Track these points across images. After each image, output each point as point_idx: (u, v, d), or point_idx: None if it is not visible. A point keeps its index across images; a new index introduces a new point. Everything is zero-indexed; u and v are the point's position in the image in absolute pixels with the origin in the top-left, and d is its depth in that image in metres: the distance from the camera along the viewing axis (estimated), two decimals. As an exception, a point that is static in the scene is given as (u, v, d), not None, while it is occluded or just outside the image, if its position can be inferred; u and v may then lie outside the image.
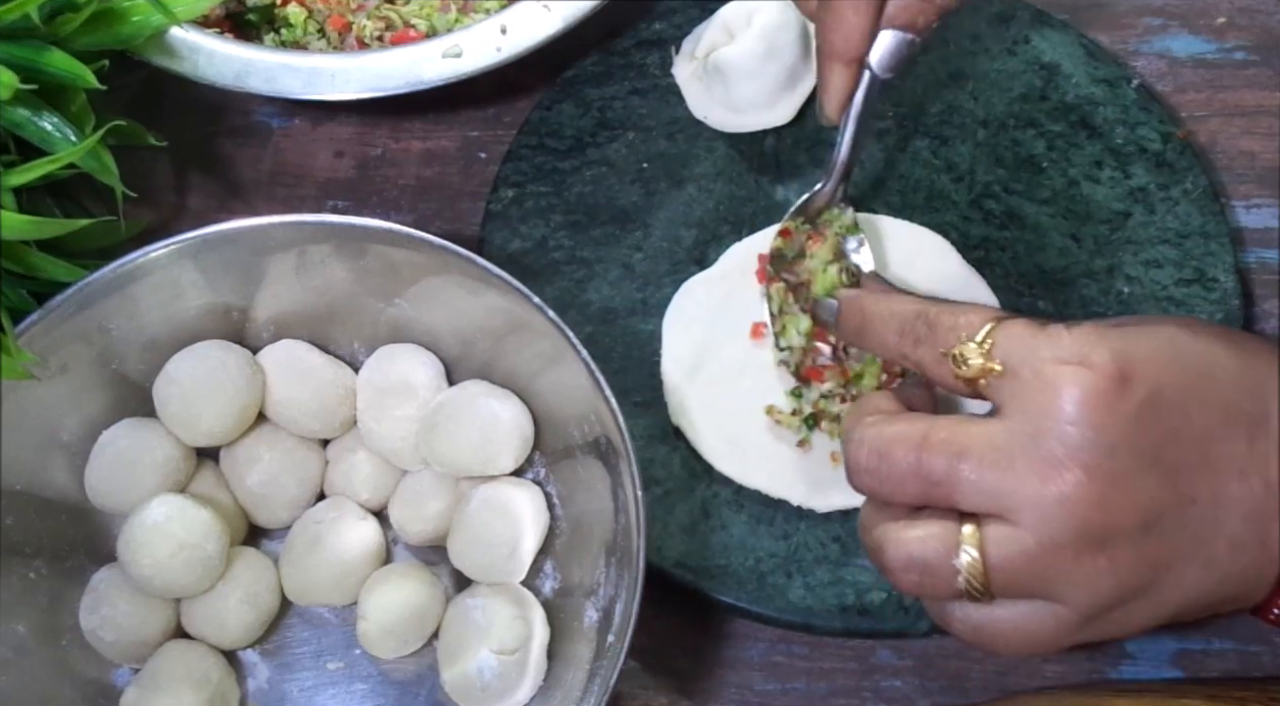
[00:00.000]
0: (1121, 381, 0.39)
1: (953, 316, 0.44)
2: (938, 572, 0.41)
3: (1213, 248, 0.57)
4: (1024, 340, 0.41)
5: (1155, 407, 0.40)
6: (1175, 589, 0.40)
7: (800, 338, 0.54)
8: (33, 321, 0.49)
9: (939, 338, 0.44)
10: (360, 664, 0.54)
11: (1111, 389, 0.39)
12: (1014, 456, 0.39)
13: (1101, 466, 0.39)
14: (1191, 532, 0.40)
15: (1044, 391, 0.40)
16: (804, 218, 0.56)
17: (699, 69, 0.61)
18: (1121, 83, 0.61)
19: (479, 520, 0.52)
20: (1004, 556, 0.40)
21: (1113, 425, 0.39)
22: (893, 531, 0.42)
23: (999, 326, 0.42)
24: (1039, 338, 0.41)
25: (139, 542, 0.50)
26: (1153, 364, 0.40)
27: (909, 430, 0.42)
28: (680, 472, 0.55)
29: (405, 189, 0.63)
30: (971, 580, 0.40)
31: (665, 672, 0.54)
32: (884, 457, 0.42)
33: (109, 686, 0.52)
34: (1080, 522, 0.39)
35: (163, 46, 0.57)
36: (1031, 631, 0.41)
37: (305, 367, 0.54)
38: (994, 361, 0.41)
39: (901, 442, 0.42)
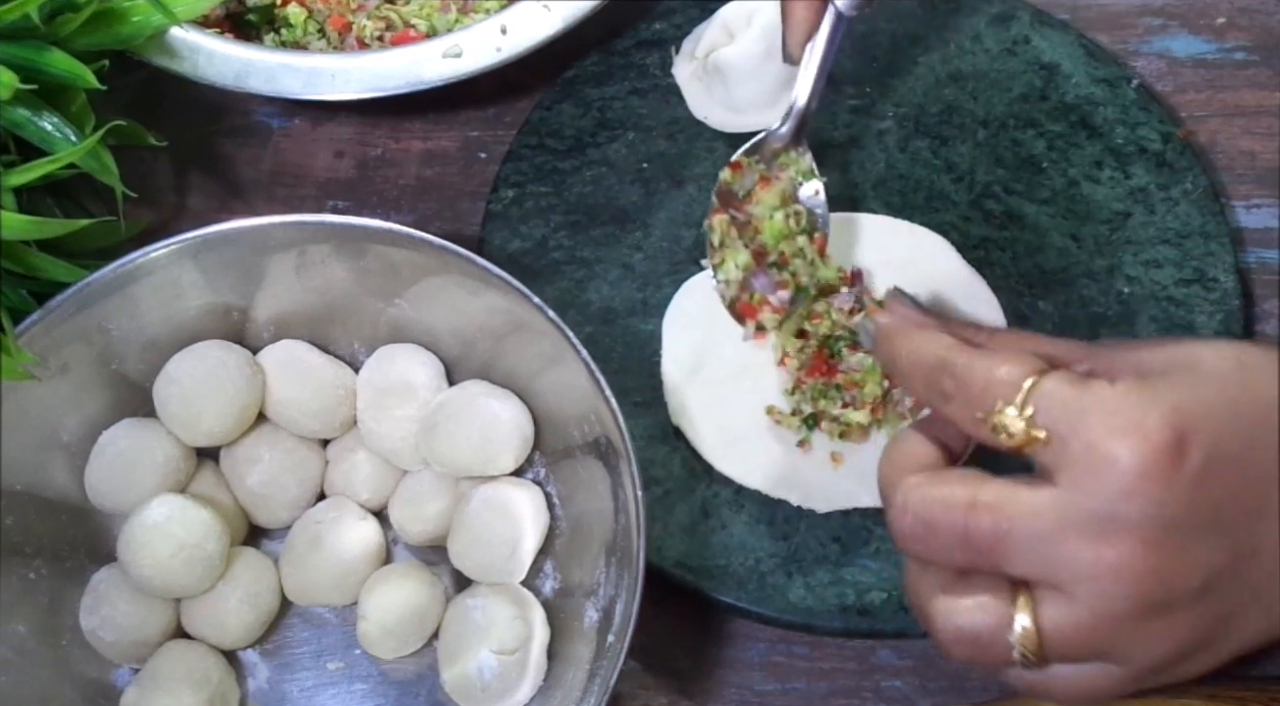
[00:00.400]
0: (1179, 449, 0.37)
1: (984, 371, 0.40)
2: (991, 646, 0.40)
3: (1213, 248, 0.57)
4: (1068, 405, 0.38)
5: (1214, 468, 0.38)
6: (1235, 638, 0.39)
7: (738, 272, 0.54)
8: (33, 321, 0.49)
9: (971, 398, 0.41)
10: (360, 664, 0.54)
11: (1169, 458, 0.37)
12: (1066, 528, 0.38)
13: (1159, 539, 0.37)
14: (1252, 584, 0.39)
15: (1097, 464, 0.37)
16: (758, 157, 0.55)
17: (699, 69, 0.61)
18: (1121, 83, 0.61)
19: (479, 520, 0.52)
20: (1058, 627, 0.38)
21: (1170, 496, 0.37)
22: (942, 602, 0.41)
23: (1037, 388, 0.39)
24: (1085, 399, 0.38)
25: (139, 542, 0.50)
26: (1210, 423, 0.38)
27: (953, 496, 0.40)
28: (680, 472, 0.55)
29: (405, 189, 0.63)
30: (1025, 652, 0.39)
31: (665, 672, 0.54)
32: (929, 526, 0.40)
33: (109, 686, 0.52)
34: (1137, 595, 0.38)
35: (163, 46, 0.57)
36: (1088, 688, 0.40)
37: (305, 367, 0.54)
38: (1038, 429, 0.39)
39: (947, 510, 0.40)
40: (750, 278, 0.54)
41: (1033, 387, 0.39)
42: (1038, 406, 0.39)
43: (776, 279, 0.54)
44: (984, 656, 0.40)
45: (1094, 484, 0.38)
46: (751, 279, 0.54)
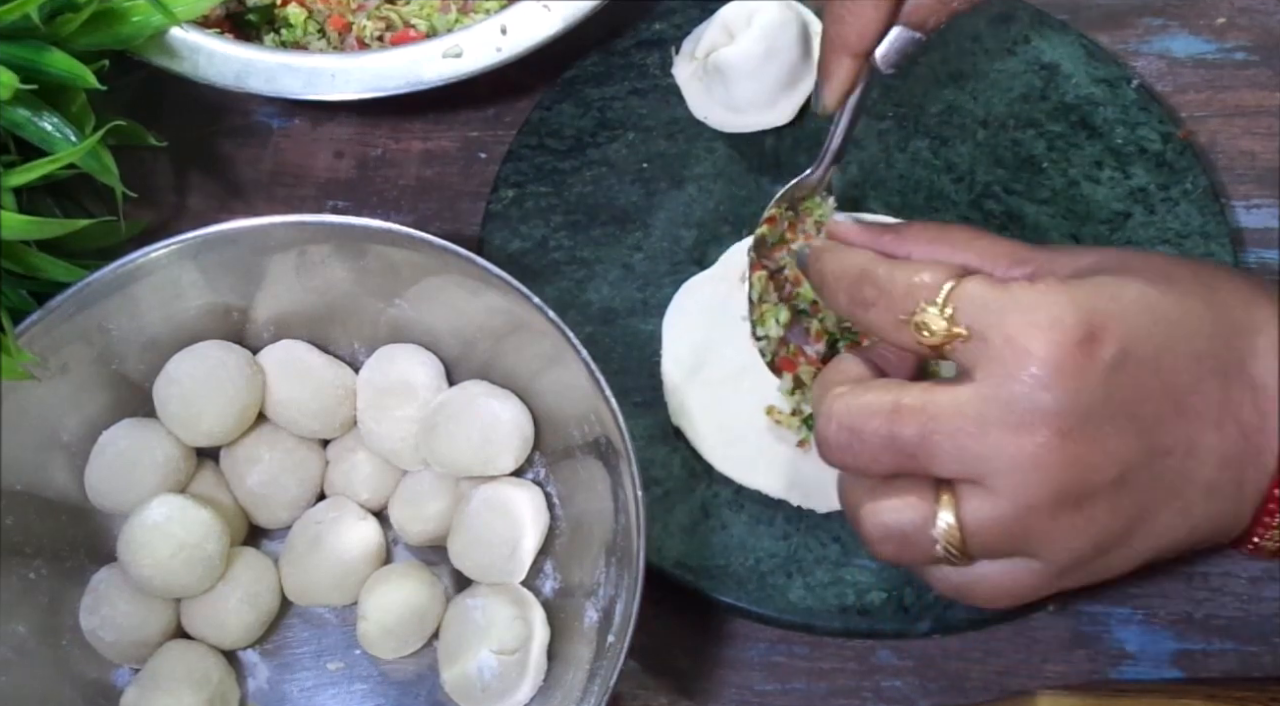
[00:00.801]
0: (1090, 341, 0.39)
1: (905, 275, 0.42)
2: (915, 542, 0.41)
3: (1213, 248, 0.57)
4: (988, 302, 0.40)
5: (1126, 364, 0.39)
6: (1150, 536, 0.41)
7: (779, 328, 0.54)
8: (33, 321, 0.49)
9: (894, 302, 0.42)
10: (360, 664, 0.54)
11: (1081, 350, 0.39)
12: (986, 422, 0.39)
13: (1073, 428, 0.39)
14: (1166, 483, 0.40)
15: (1013, 356, 0.39)
16: (788, 204, 0.56)
17: (699, 69, 0.61)
18: (1121, 83, 0.61)
19: (479, 520, 0.52)
20: (980, 521, 0.40)
21: (1084, 387, 0.39)
22: (868, 501, 0.42)
23: (959, 287, 0.41)
24: (1003, 298, 0.40)
25: (139, 542, 0.50)
26: (1122, 321, 0.39)
27: (878, 401, 0.41)
28: (680, 472, 0.55)
29: (405, 189, 0.63)
30: (949, 547, 0.40)
31: (665, 672, 0.54)
32: (855, 432, 0.41)
33: (109, 686, 0.52)
34: (1054, 484, 0.39)
35: (163, 46, 0.57)
36: (1010, 586, 0.42)
37: (305, 367, 0.54)
38: (958, 326, 0.40)
39: (872, 415, 0.41)
40: (787, 332, 0.54)
41: (954, 289, 0.41)
42: (958, 306, 0.41)
43: (812, 329, 0.54)
44: (909, 553, 0.42)
45: (1011, 377, 0.39)
46: (787, 333, 0.54)
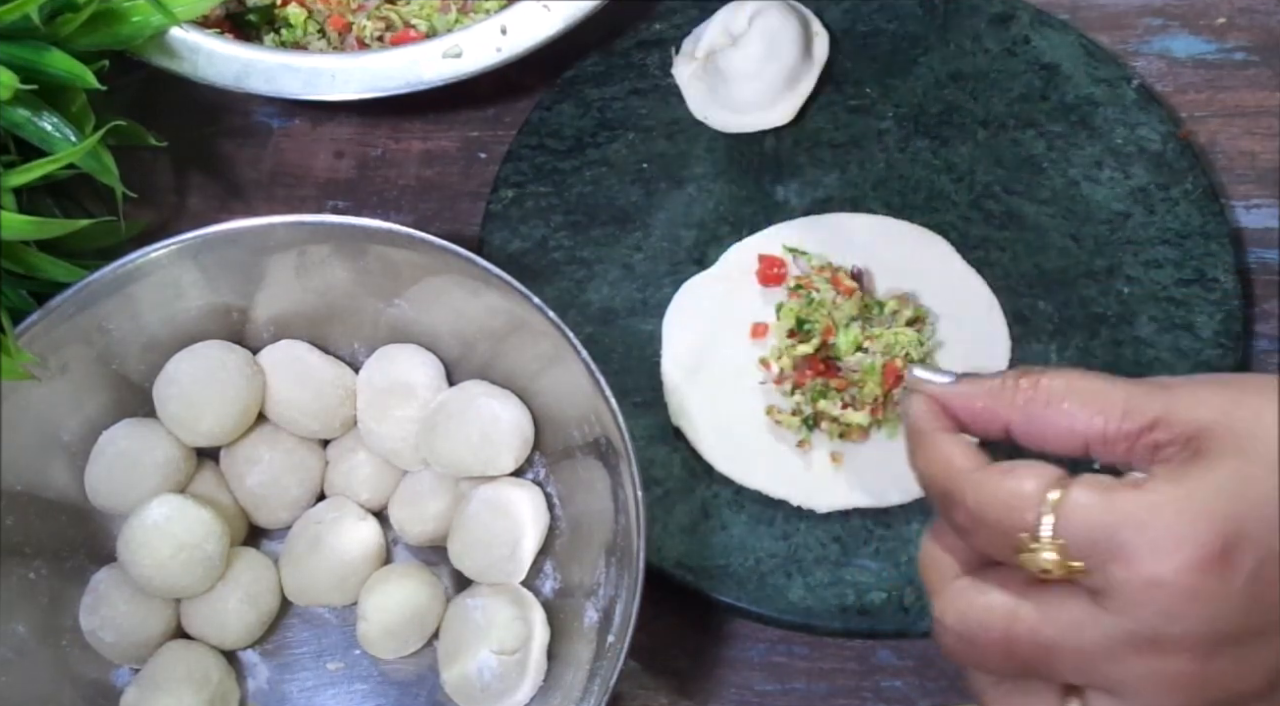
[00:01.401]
0: (1226, 560, 0.34)
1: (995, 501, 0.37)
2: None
3: (1213, 248, 0.57)
4: (1102, 527, 0.35)
5: (1266, 570, 0.34)
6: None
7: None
8: (33, 321, 0.49)
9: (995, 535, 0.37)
10: (360, 664, 0.54)
11: (1216, 572, 0.34)
12: (1114, 645, 0.35)
13: (1214, 650, 0.34)
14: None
15: (1141, 589, 0.34)
16: None
17: (699, 69, 0.61)
18: (1121, 83, 0.61)
19: (479, 520, 0.52)
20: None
21: (1223, 611, 0.34)
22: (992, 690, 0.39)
23: (1063, 508, 0.35)
24: (1116, 518, 0.35)
25: (139, 543, 0.50)
26: (1260, 522, 0.34)
27: (990, 612, 0.37)
28: (680, 473, 0.55)
29: (405, 189, 0.63)
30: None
31: (665, 672, 0.54)
32: (971, 643, 0.38)
33: (109, 686, 0.52)
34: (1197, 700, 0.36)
35: (163, 47, 0.57)
36: None
37: (305, 368, 0.54)
38: (1074, 560, 0.35)
39: (985, 628, 0.37)
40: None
41: (1059, 513, 0.36)
42: (1067, 536, 0.35)
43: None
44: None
45: (1140, 608, 0.35)
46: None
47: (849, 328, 0.55)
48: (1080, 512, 0.35)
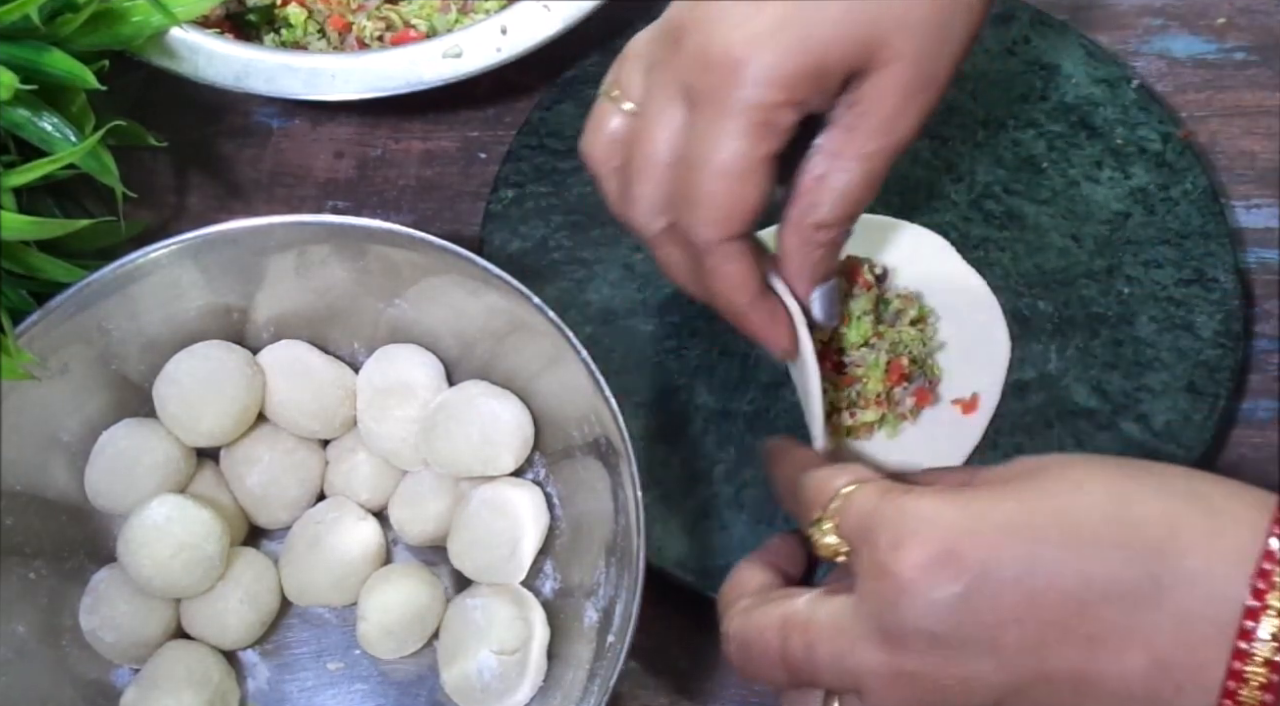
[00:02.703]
0: (945, 561, 0.37)
1: (816, 482, 0.43)
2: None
3: (1213, 248, 0.57)
4: (868, 515, 0.40)
5: (986, 588, 0.37)
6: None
7: None
8: (33, 321, 0.49)
9: (804, 509, 0.43)
10: (360, 664, 0.54)
11: (934, 570, 0.37)
12: (856, 637, 0.39)
13: (932, 648, 0.37)
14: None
15: (878, 572, 0.38)
16: None
17: (699, 69, 0.61)
18: (1121, 83, 0.61)
19: (479, 520, 0.52)
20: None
21: (939, 607, 0.37)
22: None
23: (849, 498, 0.41)
24: (882, 510, 0.39)
25: (139, 543, 0.50)
26: (984, 542, 0.37)
27: (766, 619, 0.42)
28: (680, 473, 0.55)
29: (405, 189, 0.63)
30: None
31: (665, 672, 0.54)
32: (749, 650, 0.42)
33: (109, 686, 0.52)
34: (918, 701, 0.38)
35: (163, 47, 0.57)
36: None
37: (305, 368, 0.54)
38: (842, 541, 0.41)
39: (761, 634, 0.41)
40: None
41: (844, 500, 0.41)
42: (844, 518, 0.41)
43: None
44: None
45: (877, 593, 0.38)
46: None
47: (861, 320, 0.54)
48: (858, 502, 0.41)
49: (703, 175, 0.43)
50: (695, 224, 0.44)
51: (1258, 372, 0.58)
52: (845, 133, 0.44)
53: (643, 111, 0.45)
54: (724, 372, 0.57)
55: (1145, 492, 0.38)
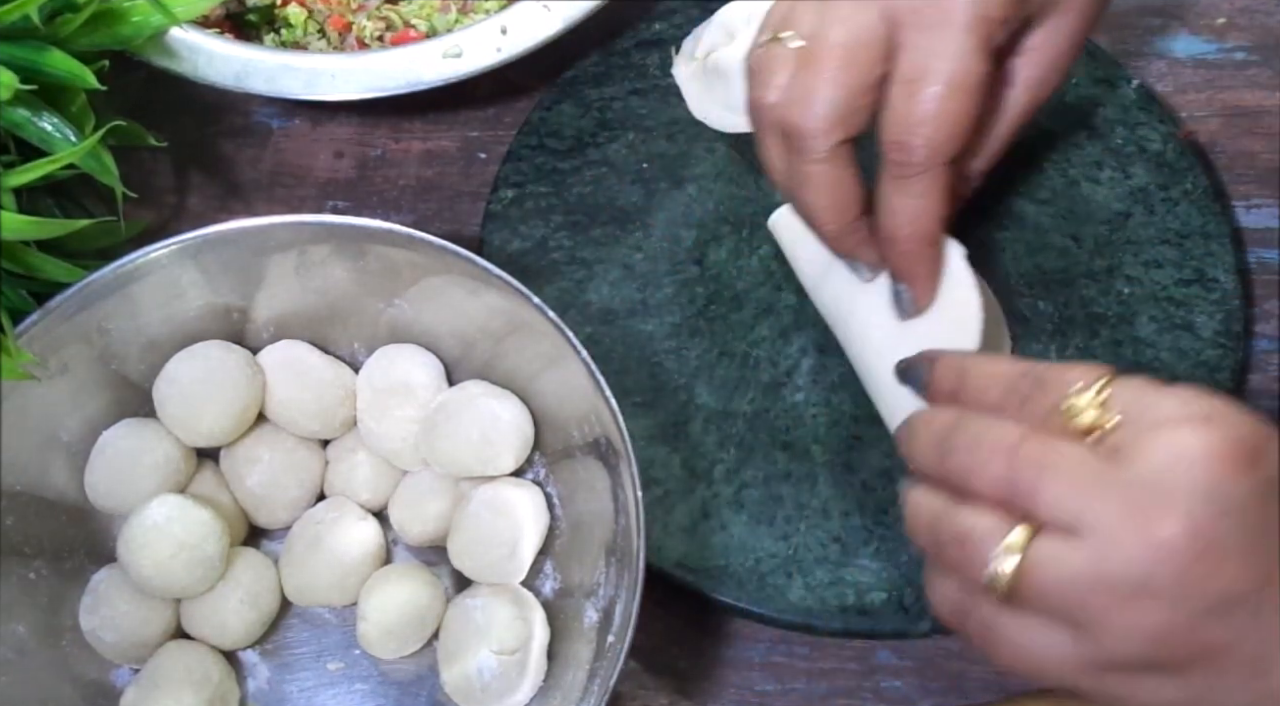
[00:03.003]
0: (1253, 455, 0.36)
1: (1061, 372, 0.40)
2: (969, 553, 0.38)
3: (1213, 248, 0.57)
4: (1145, 393, 0.38)
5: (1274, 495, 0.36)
6: (1207, 685, 0.37)
7: None
8: (33, 321, 0.49)
9: (1048, 393, 0.39)
10: (360, 664, 0.54)
11: (1242, 457, 0.35)
12: (1112, 486, 0.36)
13: (1204, 527, 0.35)
14: (1259, 635, 0.36)
15: (1165, 442, 0.36)
16: None
17: (699, 69, 0.61)
18: (1121, 83, 0.61)
19: (479, 520, 0.52)
20: (1048, 561, 0.37)
21: (1231, 492, 0.35)
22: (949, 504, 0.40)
23: (1115, 379, 0.39)
24: (1163, 393, 0.38)
25: (139, 543, 0.50)
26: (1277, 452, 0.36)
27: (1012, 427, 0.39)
28: (680, 473, 0.55)
29: (405, 189, 0.63)
30: (999, 573, 0.37)
31: (665, 672, 0.54)
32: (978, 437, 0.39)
33: (109, 686, 0.52)
34: (1151, 569, 0.36)
35: (163, 47, 0.57)
36: (1037, 651, 0.38)
37: (305, 368, 0.54)
38: (1111, 412, 0.38)
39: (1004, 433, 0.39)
40: None
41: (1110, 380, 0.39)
42: (1113, 393, 0.38)
43: None
44: (954, 557, 0.39)
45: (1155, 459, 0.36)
46: None
47: None
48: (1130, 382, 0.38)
49: (933, 91, 0.44)
50: (918, 144, 0.45)
51: (1258, 372, 0.58)
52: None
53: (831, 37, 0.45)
54: (724, 372, 0.57)
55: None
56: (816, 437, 0.55)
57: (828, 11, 0.46)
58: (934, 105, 0.45)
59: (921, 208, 0.47)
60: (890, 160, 0.46)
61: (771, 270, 0.58)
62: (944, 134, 0.45)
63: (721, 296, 0.58)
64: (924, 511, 0.41)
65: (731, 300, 0.58)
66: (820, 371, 0.56)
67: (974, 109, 0.45)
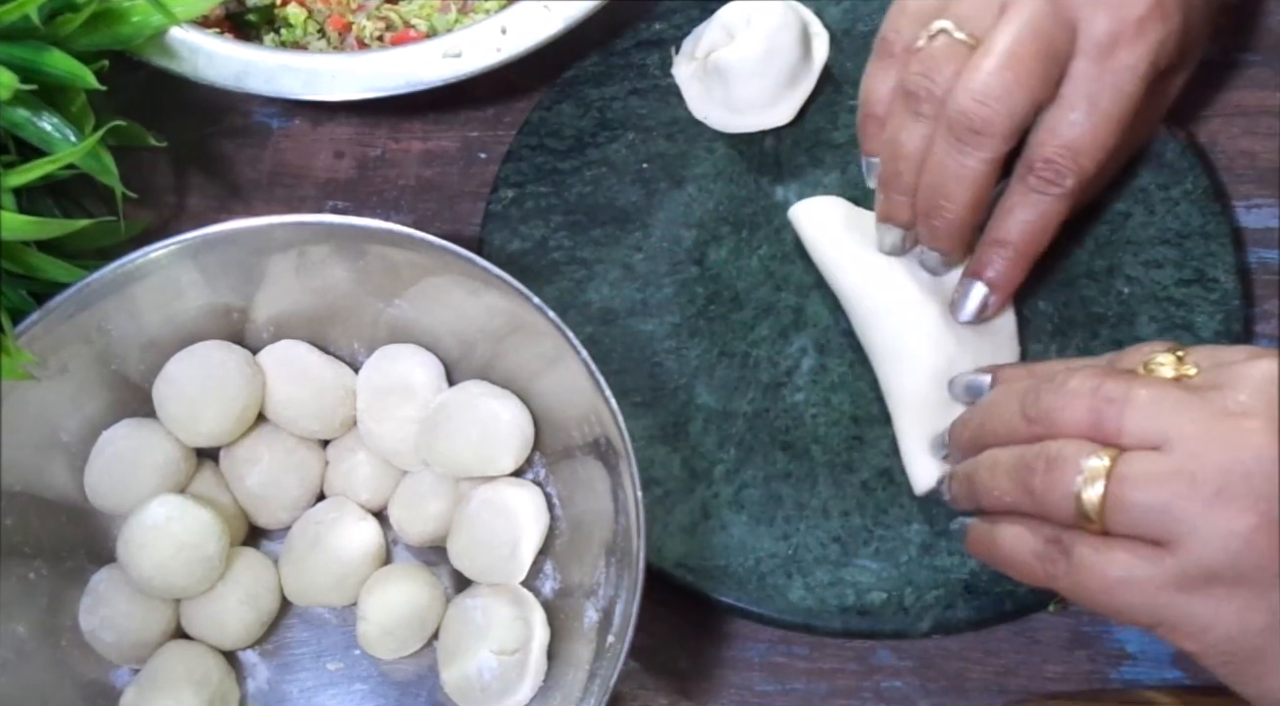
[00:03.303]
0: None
1: (1134, 348, 0.44)
2: (1053, 479, 0.39)
3: (1213, 248, 0.57)
4: (1216, 349, 0.41)
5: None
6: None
7: None
8: (33, 321, 0.49)
9: (1125, 362, 0.43)
10: (360, 664, 0.54)
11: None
12: (1195, 405, 0.38)
13: None
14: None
15: (1242, 370, 0.38)
16: None
17: (699, 69, 0.61)
18: (1121, 83, 0.61)
19: (479, 521, 0.52)
20: (1135, 474, 0.38)
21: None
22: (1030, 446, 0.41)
23: (1189, 349, 0.42)
24: (1231, 348, 0.41)
25: (139, 543, 0.50)
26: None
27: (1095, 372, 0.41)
28: (680, 473, 0.55)
29: (405, 189, 0.63)
30: (1088, 497, 0.38)
31: (665, 672, 0.54)
32: (1071, 370, 0.42)
33: (109, 687, 0.52)
34: (1238, 470, 0.36)
35: (163, 47, 0.57)
36: (1129, 574, 0.38)
37: (305, 368, 0.54)
38: (1187, 366, 0.40)
39: (1086, 377, 0.41)
40: None
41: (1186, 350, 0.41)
42: (1189, 351, 0.41)
43: None
44: (1043, 484, 0.40)
45: (1236, 382, 0.38)
46: None
47: None
48: (1206, 348, 0.42)
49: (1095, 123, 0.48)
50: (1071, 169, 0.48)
51: (1258, 373, 0.58)
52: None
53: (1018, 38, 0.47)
54: (724, 372, 0.57)
55: None
56: (816, 437, 0.55)
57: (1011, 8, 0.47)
58: (1094, 137, 0.48)
59: (1044, 224, 0.50)
60: (1035, 174, 0.49)
61: (771, 270, 0.58)
62: (1094, 164, 0.48)
63: (721, 296, 0.58)
64: (1004, 460, 0.42)
65: (731, 300, 0.58)
66: (820, 371, 0.56)
67: (1119, 144, 0.48)
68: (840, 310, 0.57)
